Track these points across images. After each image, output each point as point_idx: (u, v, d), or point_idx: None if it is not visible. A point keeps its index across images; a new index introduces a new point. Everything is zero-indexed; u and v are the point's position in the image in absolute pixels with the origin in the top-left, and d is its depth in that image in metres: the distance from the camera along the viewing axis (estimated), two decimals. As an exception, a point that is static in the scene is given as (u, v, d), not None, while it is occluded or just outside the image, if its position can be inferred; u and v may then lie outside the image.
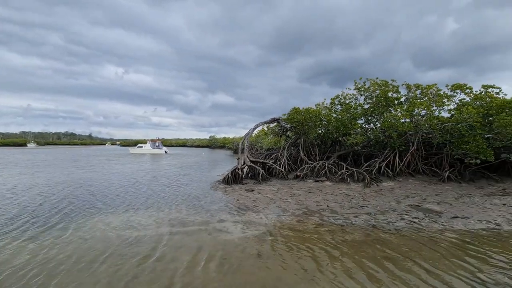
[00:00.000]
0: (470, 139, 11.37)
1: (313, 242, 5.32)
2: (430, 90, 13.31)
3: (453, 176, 12.14)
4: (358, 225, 6.50)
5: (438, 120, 12.57)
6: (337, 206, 8.24)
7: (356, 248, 5.05)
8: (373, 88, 14.32)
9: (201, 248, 5.00)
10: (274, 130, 18.24)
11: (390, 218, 6.98)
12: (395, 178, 12.64)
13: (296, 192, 10.33)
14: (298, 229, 6.12)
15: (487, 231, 6.21)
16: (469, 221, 6.77)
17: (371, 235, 5.77)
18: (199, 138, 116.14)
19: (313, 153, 15.57)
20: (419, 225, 6.55)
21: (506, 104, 11.76)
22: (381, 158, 13.66)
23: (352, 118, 14.50)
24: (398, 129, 12.64)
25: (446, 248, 5.12)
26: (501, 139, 11.38)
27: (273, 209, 7.86)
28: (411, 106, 12.69)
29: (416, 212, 7.62)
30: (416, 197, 9.56)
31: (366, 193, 10.11)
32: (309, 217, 7.10)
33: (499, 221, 6.79)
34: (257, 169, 13.28)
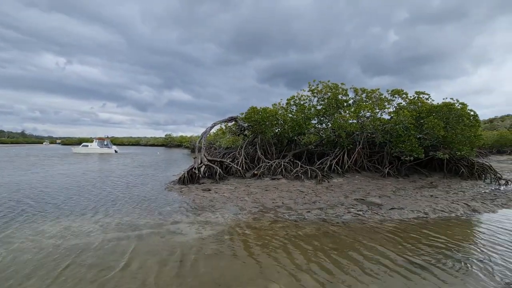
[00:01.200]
0: (406, 139, 12.85)
1: (269, 239, 5.46)
2: (374, 94, 14.69)
3: (392, 172, 13.60)
4: (310, 219, 6.86)
5: (380, 122, 13.95)
6: (291, 203, 8.58)
7: (308, 242, 5.33)
8: (325, 90, 15.25)
9: (152, 252, 4.76)
10: (232, 129, 18.22)
11: (339, 212, 7.52)
12: (344, 175, 13.66)
13: (253, 190, 10.48)
14: (254, 226, 6.22)
15: (417, 219, 7.10)
16: (404, 211, 7.65)
17: (322, 229, 6.15)
18: (154, 137, 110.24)
19: (270, 152, 15.96)
20: (363, 217, 7.18)
21: (433, 109, 13.57)
22: (332, 156, 14.63)
23: (306, 118, 15.24)
24: (347, 129, 13.67)
25: (384, 236, 5.72)
26: (429, 139, 13.10)
27: (230, 208, 7.85)
28: (358, 108, 13.83)
29: (361, 205, 8.34)
30: (362, 191, 10.46)
31: (318, 189, 10.72)
32: (265, 214, 7.27)
33: (427, 210, 7.81)
34: (214, 168, 13.12)
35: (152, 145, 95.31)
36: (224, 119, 15.98)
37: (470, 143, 13.07)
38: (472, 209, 8.13)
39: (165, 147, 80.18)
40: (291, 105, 16.31)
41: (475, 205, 8.50)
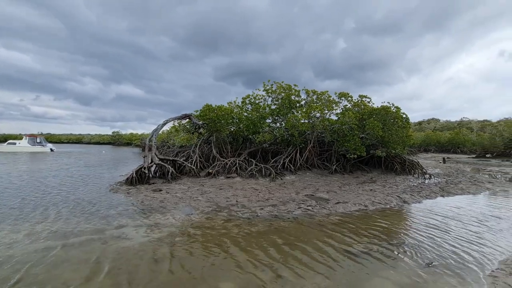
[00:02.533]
0: (350, 138, 13.99)
1: (221, 238, 5.43)
2: (323, 96, 15.66)
3: (338, 169, 14.69)
4: (263, 217, 7.02)
5: (328, 122, 14.94)
6: (245, 201, 8.66)
7: (260, 238, 5.44)
8: (279, 90, 15.74)
9: (90, 260, 4.33)
10: (186, 127, 17.62)
11: (290, 208, 7.85)
12: (296, 172, 14.30)
13: (207, 189, 10.30)
14: (207, 226, 6.11)
15: (359, 211, 7.79)
16: (347, 205, 8.33)
17: (273, 225, 6.34)
18: (100, 134, 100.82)
19: (226, 151, 15.88)
20: (312, 211, 7.61)
21: (374, 111, 15.03)
22: (285, 155, 15.18)
23: (261, 117, 15.53)
24: (299, 129, 14.32)
25: (330, 229, 6.15)
26: (370, 139, 14.49)
27: (182, 209, 7.59)
28: (309, 109, 14.59)
29: (310, 200, 8.83)
30: (312, 187, 11.08)
31: (272, 187, 11.03)
32: (219, 213, 7.21)
33: (367, 203, 8.63)
34: (166, 167, 12.53)
35: (97, 143, 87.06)
36: (177, 116, 15.36)
37: (403, 142, 14.83)
38: (403, 200, 9.25)
39: (112, 145, 73.93)
40: (247, 104, 16.45)
41: (405, 197, 9.68)
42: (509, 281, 3.66)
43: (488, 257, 4.63)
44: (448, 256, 4.64)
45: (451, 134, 49.81)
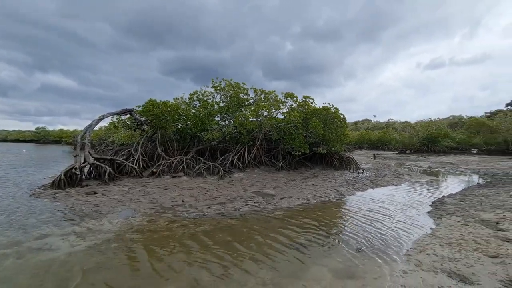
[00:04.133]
0: (295, 137, 14.75)
1: (165, 240, 5.16)
2: (271, 95, 16.16)
3: (284, 166, 15.36)
4: (210, 215, 6.91)
5: (275, 121, 15.48)
6: (192, 200, 8.41)
7: (207, 238, 5.35)
8: (228, 88, 15.68)
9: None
10: (126, 123, 16.22)
11: (237, 205, 7.90)
12: (245, 170, 14.47)
13: (150, 190, 9.68)
14: (148, 229, 5.74)
15: (302, 205, 8.28)
16: (292, 200, 8.77)
17: (221, 223, 6.30)
18: (20, 130, 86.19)
19: (172, 149, 15.14)
20: (258, 207, 7.79)
21: (316, 111, 16.12)
22: (234, 152, 15.22)
23: (210, 114, 15.25)
24: (247, 127, 14.50)
25: (275, 223, 6.39)
26: (313, 137, 15.51)
27: (121, 212, 6.98)
28: (257, 107, 14.89)
29: (257, 197, 9.03)
30: (259, 184, 11.34)
31: (220, 185, 10.95)
32: (162, 215, 6.84)
33: (309, 197, 9.22)
34: (103, 167, 11.36)
35: (16, 140, 74.19)
36: (116, 111, 14.04)
37: (341, 140, 16.27)
38: (340, 193, 10.16)
39: (36, 143, 63.92)
40: (194, 100, 15.95)
41: (342, 190, 10.65)
42: (419, 257, 4.33)
43: (405, 239, 5.40)
44: (375, 241, 5.27)
45: (380, 134, 56.69)
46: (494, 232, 5.43)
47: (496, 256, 4.23)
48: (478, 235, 5.26)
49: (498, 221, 6.11)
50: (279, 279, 3.76)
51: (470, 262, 4.05)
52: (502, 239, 4.97)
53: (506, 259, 4.10)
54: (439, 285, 3.45)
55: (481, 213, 6.81)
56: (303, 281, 3.70)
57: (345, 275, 3.87)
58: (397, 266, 4.11)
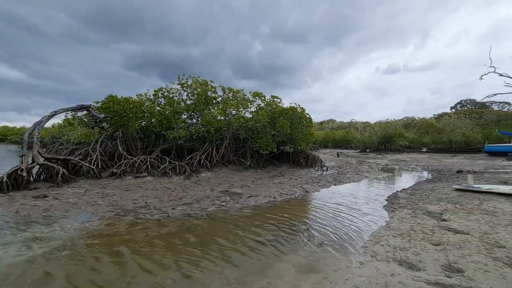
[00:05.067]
0: (263, 136, 14.92)
1: (124, 244, 4.88)
2: (239, 94, 16.14)
3: (252, 164, 15.46)
4: (175, 216, 6.70)
5: (243, 120, 15.50)
6: (156, 201, 8.08)
7: (170, 240, 5.18)
8: (195, 85, 15.32)
9: None
10: (83, 120, 15.03)
11: (204, 205, 7.77)
12: (212, 169, 14.28)
13: (110, 192, 9.09)
14: (106, 234, 5.38)
15: (268, 203, 8.40)
16: (259, 198, 8.86)
17: (186, 224, 6.14)
18: (-50, 127, 75.18)
19: (135, 148, 14.38)
20: (225, 207, 7.75)
21: (283, 111, 16.46)
22: (202, 151, 14.93)
23: (176, 112, 14.77)
24: (215, 125, 14.32)
25: (242, 222, 6.40)
26: (280, 136, 15.83)
27: (76, 216, 6.46)
28: (225, 106, 14.77)
29: (225, 196, 8.97)
30: (227, 183, 11.28)
31: (187, 185, 10.67)
32: (123, 217, 6.46)
33: (276, 195, 9.40)
34: (55, 168, 10.39)
35: None
36: (71, 107, 12.93)
37: (307, 139, 16.83)
38: (305, 190, 10.51)
39: (-29, 142, 56.40)
40: (159, 97, 15.31)
41: (307, 187, 11.03)
42: (374, 249, 4.65)
43: (363, 232, 5.76)
44: (336, 235, 5.54)
45: (343, 133, 59.79)
46: (438, 222, 6.03)
47: (439, 244, 4.71)
48: (425, 225, 5.80)
49: (441, 212, 6.80)
50: (244, 278, 3.78)
51: (418, 250, 4.46)
52: (444, 228, 5.54)
53: (447, 246, 4.58)
54: (391, 273, 3.74)
55: (428, 206, 7.53)
56: (267, 278, 3.76)
57: (308, 269, 4.02)
58: (355, 258, 4.36)
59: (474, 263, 3.94)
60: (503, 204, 7.35)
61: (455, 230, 5.43)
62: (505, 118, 50.96)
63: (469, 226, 5.62)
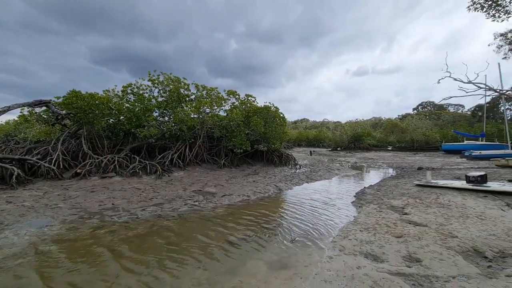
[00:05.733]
0: (237, 134, 14.87)
1: (88, 249, 4.60)
2: (213, 92, 15.92)
3: (227, 163, 15.36)
4: (145, 218, 6.45)
5: (218, 118, 15.33)
6: (124, 202, 7.71)
7: (139, 242, 4.97)
8: (167, 82, 14.83)
9: None
10: (42, 116, 13.89)
11: (176, 205, 7.57)
12: (185, 168, 13.95)
13: (73, 193, 8.51)
14: (67, 239, 5.03)
15: (242, 202, 8.40)
16: (232, 197, 8.82)
17: (156, 225, 5.93)
18: None
19: (101, 146, 13.59)
20: (198, 206, 7.61)
21: (258, 110, 16.54)
22: (174, 150, 14.52)
23: (146, 109, 14.19)
24: (188, 124, 13.99)
25: (215, 221, 6.33)
26: (254, 135, 15.89)
27: (32, 221, 5.95)
28: (199, 104, 14.48)
29: (198, 196, 8.81)
30: (200, 183, 11.08)
31: (158, 185, 10.32)
32: (87, 221, 6.08)
33: (249, 193, 9.42)
34: (8, 169, 9.49)
35: None
36: (28, 102, 11.89)
37: (280, 138, 17.08)
38: (279, 188, 10.66)
39: None
40: (128, 93, 14.60)
41: (281, 185, 11.20)
42: (342, 243, 4.85)
43: (333, 227, 5.98)
44: (307, 231, 5.69)
45: (316, 132, 61.59)
46: (400, 216, 6.44)
47: (400, 236, 5.03)
48: (389, 219, 6.17)
49: (403, 206, 7.28)
50: (215, 278, 3.74)
51: (382, 243, 4.72)
52: (405, 222, 5.94)
53: (408, 238, 4.91)
54: (357, 266, 3.92)
55: (392, 201, 8.01)
56: (239, 276, 3.76)
57: (279, 266, 4.08)
58: (325, 252, 4.51)
59: (431, 252, 4.27)
60: (456, 197, 8.06)
61: (415, 222, 5.84)
62: (459, 119, 55.83)
63: (427, 218, 6.08)
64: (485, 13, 12.60)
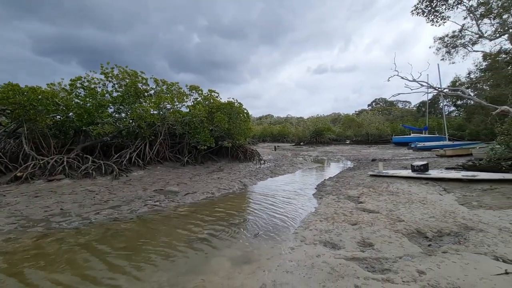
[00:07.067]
0: (201, 131, 14.54)
1: (29, 262, 4.12)
2: (174, 87, 15.30)
3: (190, 160, 14.96)
4: (99, 222, 6.00)
5: (180, 114, 14.79)
6: (75, 207, 7.07)
7: (91, 248, 4.60)
8: (122, 76, 13.84)
9: None
10: (-30, 113, 12.03)
11: (134, 207, 7.16)
12: (146, 167, 13.26)
13: (11, 200, 7.56)
14: (4, 251, 4.45)
15: (206, 199, 8.26)
16: (196, 195, 8.63)
17: (112, 229, 5.55)
18: None
19: (46, 146, 12.26)
20: (159, 206, 7.30)
21: (221, 105, 16.33)
22: (133, 148, 13.70)
23: (100, 105, 13.11)
24: (148, 120, 13.28)
25: (177, 220, 6.14)
26: (218, 131, 15.69)
27: (-41, 234, 5.16)
28: (159, 99, 13.81)
29: (159, 195, 8.44)
30: (162, 182, 10.63)
31: (114, 186, 9.65)
32: (29, 229, 5.45)
33: (214, 190, 9.31)
34: None
35: None
36: (-50, 97, 10.18)
37: (245, 134, 17.10)
38: (243, 184, 10.70)
39: None
40: (78, 87, 13.33)
41: (245, 181, 11.25)
42: (304, 234, 5.04)
43: (295, 219, 6.18)
44: (270, 225, 5.80)
45: (280, 128, 62.99)
46: (356, 204, 6.91)
47: (356, 223, 5.39)
48: (346, 208, 6.57)
49: (359, 196, 7.82)
50: (176, 278, 3.62)
51: (339, 231, 5.02)
52: (360, 210, 6.38)
53: (362, 224, 5.28)
54: (316, 254, 4.11)
55: (348, 191, 8.55)
56: (201, 275, 3.69)
57: (243, 261, 4.10)
58: (287, 244, 4.65)
59: (382, 237, 4.65)
60: (403, 185, 8.89)
61: (369, 210, 6.31)
62: (406, 114, 61.40)
63: (379, 206, 6.61)
64: (425, 17, 13.97)
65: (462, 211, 5.84)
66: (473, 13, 14.29)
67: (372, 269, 3.61)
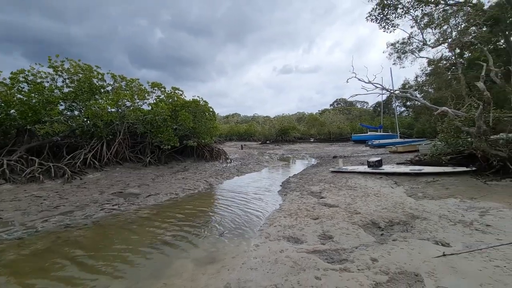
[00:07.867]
0: (164, 130, 14.00)
1: (-40, 279, 3.61)
2: (134, 83, 14.48)
3: (153, 161, 14.31)
4: (47, 230, 5.46)
5: (141, 112, 14.04)
6: (18, 215, 6.35)
7: (37, 260, 4.17)
8: (75, 70, 12.71)
9: None
10: None
11: (89, 212, 6.65)
12: (103, 168, 12.37)
13: None
14: None
15: (169, 201, 7.99)
16: (159, 196, 8.30)
17: (62, 237, 5.09)
18: None
19: (-18, 148, 10.79)
20: (118, 210, 6.88)
21: (186, 104, 15.88)
22: (88, 149, 12.68)
23: (48, 102, 11.88)
24: (104, 118, 12.39)
25: (138, 224, 5.84)
26: (183, 130, 15.25)
27: None
28: (117, 96, 12.95)
29: (118, 198, 7.95)
30: (121, 184, 10.02)
31: (66, 190, 8.85)
32: (-41, 243, 4.77)
33: (178, 191, 9.03)
34: None
35: None
36: None
37: (210, 133, 16.86)
38: (209, 183, 10.56)
39: None
40: (21, 81, 11.92)
41: (211, 180, 11.11)
42: (268, 230, 5.15)
43: (260, 217, 6.27)
44: (236, 223, 5.81)
45: (246, 127, 63.26)
46: (318, 200, 7.23)
47: (317, 218, 5.65)
48: (308, 204, 6.84)
49: (321, 191, 8.19)
50: (136, 285, 3.45)
51: (302, 226, 5.21)
52: (321, 205, 6.70)
53: (323, 218, 5.55)
54: (280, 249, 4.22)
55: (311, 187, 8.91)
56: (163, 279, 3.57)
57: (207, 261, 4.05)
58: (252, 242, 4.70)
59: (340, 229, 4.93)
60: (361, 180, 9.53)
61: (329, 204, 6.65)
62: (364, 114, 65.80)
63: (339, 200, 7.01)
64: (378, 24, 15.09)
65: (410, 202, 6.45)
66: (418, 23, 15.82)
67: (331, 260, 3.82)
